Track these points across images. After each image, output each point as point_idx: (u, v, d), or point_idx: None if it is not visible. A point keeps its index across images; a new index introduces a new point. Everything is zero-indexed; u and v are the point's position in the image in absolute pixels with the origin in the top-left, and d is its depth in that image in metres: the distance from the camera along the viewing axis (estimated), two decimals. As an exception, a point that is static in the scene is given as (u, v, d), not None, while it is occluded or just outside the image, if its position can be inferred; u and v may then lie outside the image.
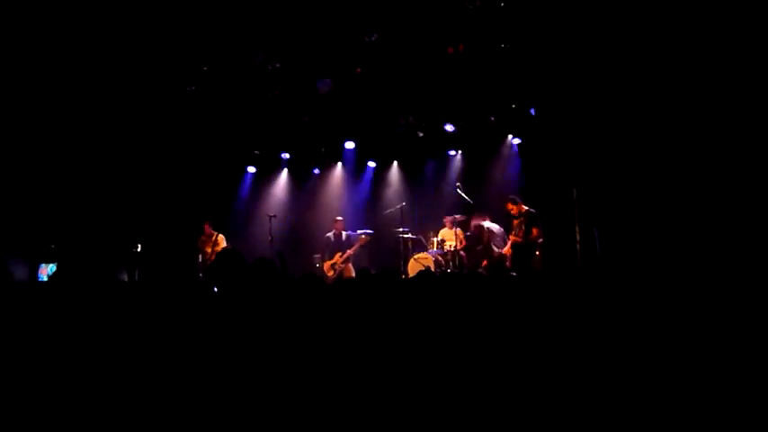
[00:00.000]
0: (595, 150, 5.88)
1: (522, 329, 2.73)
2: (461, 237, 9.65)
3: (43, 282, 7.04)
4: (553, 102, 6.21)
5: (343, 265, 9.94)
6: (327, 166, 12.04)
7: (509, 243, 8.22)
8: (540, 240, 7.53)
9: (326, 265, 10.11)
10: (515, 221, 8.16)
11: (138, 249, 8.80)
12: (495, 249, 8.60)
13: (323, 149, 11.25)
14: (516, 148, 10.07)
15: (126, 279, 8.34)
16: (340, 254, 10.04)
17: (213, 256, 9.28)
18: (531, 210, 7.93)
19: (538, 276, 5.35)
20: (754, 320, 2.66)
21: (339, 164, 12.04)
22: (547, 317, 2.88)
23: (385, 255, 10.72)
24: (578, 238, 5.42)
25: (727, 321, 2.72)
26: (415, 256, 9.47)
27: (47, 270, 7.57)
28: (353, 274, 9.53)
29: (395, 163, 11.73)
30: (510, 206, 8.23)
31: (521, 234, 7.99)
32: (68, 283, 2.78)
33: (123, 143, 8.43)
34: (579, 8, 5.68)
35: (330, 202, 11.81)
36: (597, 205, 5.65)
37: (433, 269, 8.83)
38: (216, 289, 3.15)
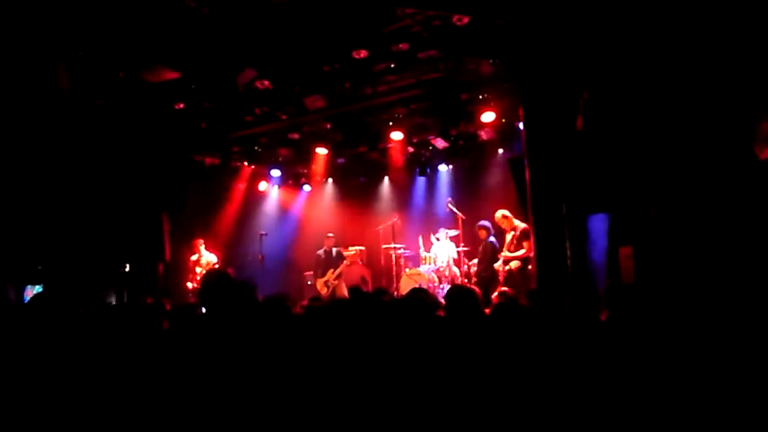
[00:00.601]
0: (584, 166, 5.90)
1: (517, 345, 2.73)
2: (454, 252, 9.64)
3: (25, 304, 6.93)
4: (540, 117, 6.24)
5: (335, 282, 9.93)
6: (319, 184, 12.05)
7: (501, 258, 8.21)
8: (532, 255, 7.54)
9: (319, 282, 10.10)
10: (507, 236, 8.18)
11: (127, 269, 8.72)
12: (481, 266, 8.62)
13: (314, 167, 11.25)
14: (507, 163, 10.12)
15: (114, 301, 8.26)
16: (332, 271, 10.03)
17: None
18: (523, 225, 7.95)
19: (531, 292, 5.35)
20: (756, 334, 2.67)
21: (330, 180, 12.06)
22: (540, 331, 2.89)
23: (378, 271, 10.70)
24: (569, 253, 5.43)
25: (725, 332, 2.73)
26: (408, 272, 9.46)
27: (33, 292, 7.48)
28: (346, 292, 9.50)
29: (386, 179, 11.78)
30: (501, 221, 8.25)
31: (512, 249, 8.02)
32: (52, 306, 2.76)
33: (110, 161, 8.40)
34: (569, 25, 5.75)
35: (321, 219, 11.81)
36: (585, 221, 5.68)
37: (425, 285, 8.80)
38: (204, 310, 3.13)
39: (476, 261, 8.97)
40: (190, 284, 9.44)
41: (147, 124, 8.52)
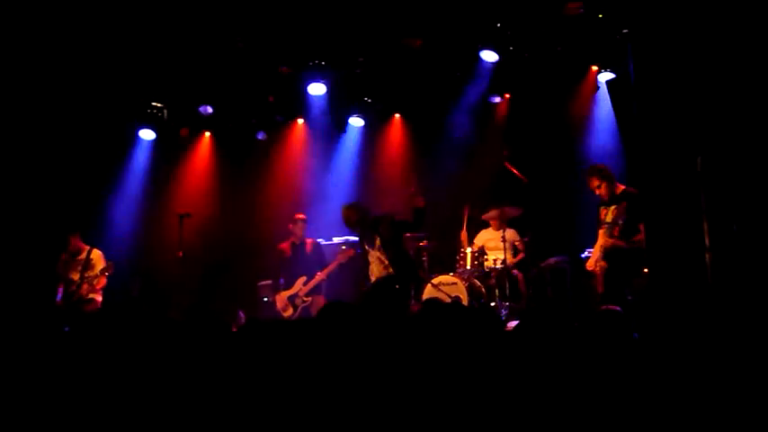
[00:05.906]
0: (738, 93, 5.88)
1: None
2: (518, 241, 9.71)
3: None
4: (666, 9, 6.23)
5: (308, 299, 9.93)
6: (280, 127, 12.09)
7: (596, 250, 8.16)
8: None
9: (281, 297, 10.11)
10: (604, 210, 8.11)
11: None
12: None
13: (270, 98, 11.25)
14: (606, 89, 10.11)
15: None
16: (304, 279, 10.05)
17: (86, 284, 9.43)
18: (633, 191, 7.86)
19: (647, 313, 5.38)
20: None
21: (300, 122, 12.08)
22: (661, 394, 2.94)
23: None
24: (708, 241, 5.43)
25: None
26: (435, 281, 9.48)
27: None
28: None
29: (396, 117, 11.83)
30: (595, 182, 8.14)
31: (616, 232, 7.88)
32: None
33: None
34: None
35: (285, 189, 11.86)
36: (740, 185, 5.64)
37: (464, 300, 8.86)
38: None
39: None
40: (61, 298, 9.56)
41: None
